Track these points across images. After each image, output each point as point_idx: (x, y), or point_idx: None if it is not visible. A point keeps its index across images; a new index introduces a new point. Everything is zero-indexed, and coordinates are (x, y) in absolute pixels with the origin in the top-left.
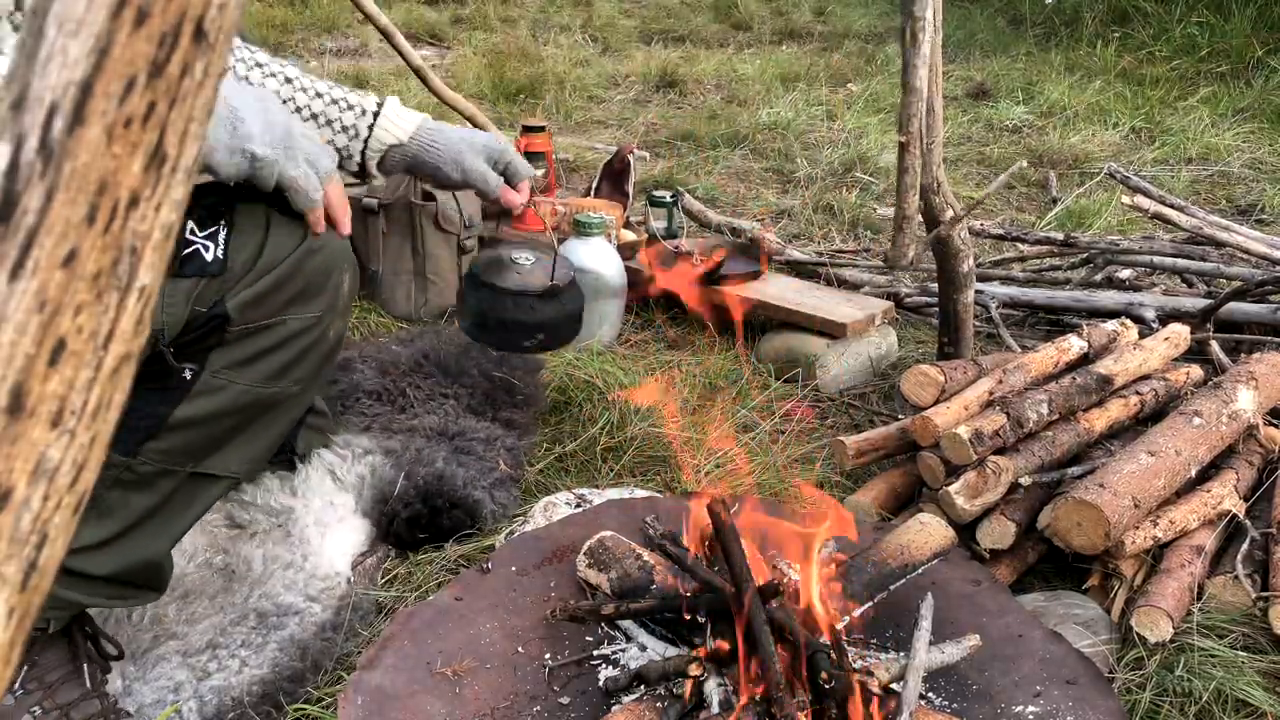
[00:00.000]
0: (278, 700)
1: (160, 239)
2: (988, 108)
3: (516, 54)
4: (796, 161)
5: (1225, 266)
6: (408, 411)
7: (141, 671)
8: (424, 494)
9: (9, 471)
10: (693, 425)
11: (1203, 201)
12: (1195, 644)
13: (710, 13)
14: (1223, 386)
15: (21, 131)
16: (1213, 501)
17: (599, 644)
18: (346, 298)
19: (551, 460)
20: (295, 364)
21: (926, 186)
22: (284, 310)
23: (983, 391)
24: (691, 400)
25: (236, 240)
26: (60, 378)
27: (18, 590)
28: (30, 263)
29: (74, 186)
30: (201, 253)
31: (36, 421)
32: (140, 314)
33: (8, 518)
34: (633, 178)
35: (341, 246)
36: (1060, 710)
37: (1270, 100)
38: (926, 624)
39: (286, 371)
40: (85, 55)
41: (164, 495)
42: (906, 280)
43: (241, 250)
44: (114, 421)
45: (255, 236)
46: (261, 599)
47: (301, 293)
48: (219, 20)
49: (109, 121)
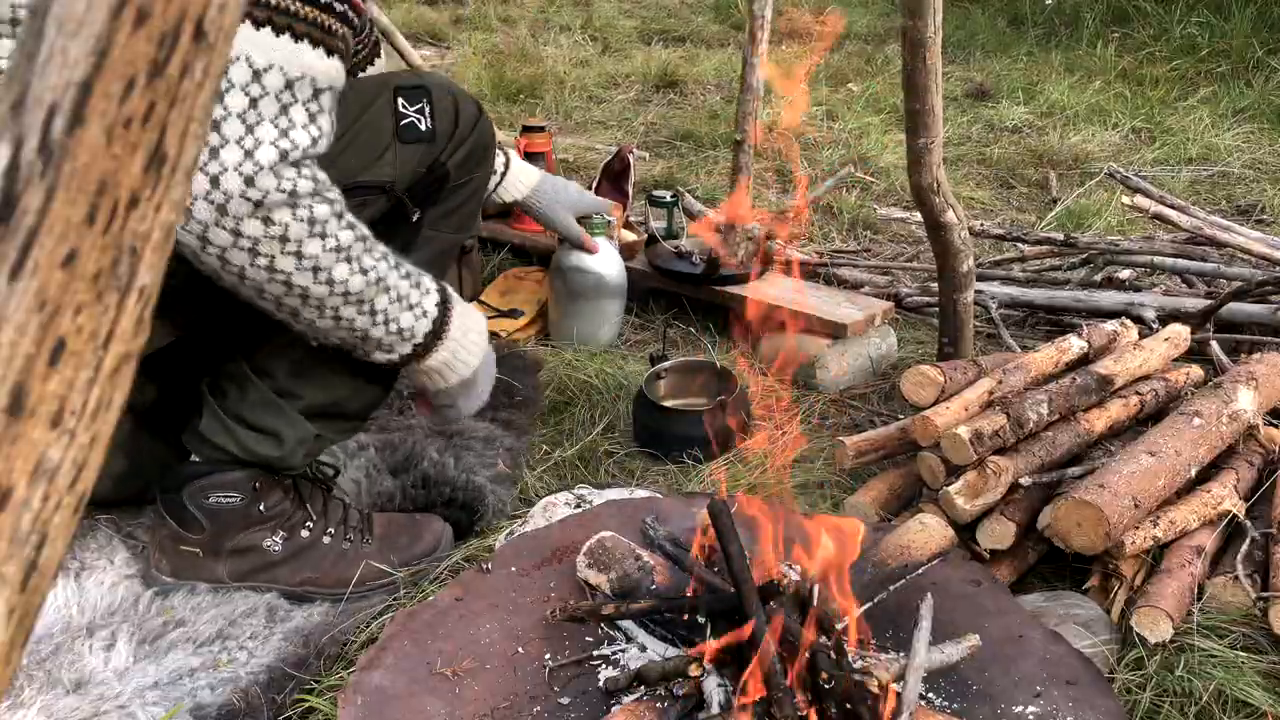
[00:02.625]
0: (283, 686)
1: (160, 239)
2: (988, 108)
3: (516, 54)
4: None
5: (1225, 267)
6: (405, 413)
7: (155, 658)
8: (425, 480)
9: (9, 471)
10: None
11: (1203, 201)
12: (1195, 644)
13: (710, 13)
14: (1223, 387)
15: (21, 132)
16: (1213, 502)
17: (599, 644)
18: (494, 152)
19: (550, 464)
20: (474, 214)
21: (926, 187)
22: (476, 168)
23: (983, 392)
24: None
25: (437, 112)
26: (60, 378)
27: (18, 590)
28: (30, 263)
29: (74, 186)
30: (416, 124)
31: (36, 421)
32: (140, 314)
33: (8, 518)
34: (633, 178)
35: (488, 117)
36: (1060, 710)
37: (1270, 100)
38: (926, 624)
39: (469, 222)
40: (85, 55)
41: None
42: (906, 280)
43: (443, 120)
44: (114, 422)
45: (450, 108)
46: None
47: (485, 152)
48: (219, 20)
49: (109, 122)
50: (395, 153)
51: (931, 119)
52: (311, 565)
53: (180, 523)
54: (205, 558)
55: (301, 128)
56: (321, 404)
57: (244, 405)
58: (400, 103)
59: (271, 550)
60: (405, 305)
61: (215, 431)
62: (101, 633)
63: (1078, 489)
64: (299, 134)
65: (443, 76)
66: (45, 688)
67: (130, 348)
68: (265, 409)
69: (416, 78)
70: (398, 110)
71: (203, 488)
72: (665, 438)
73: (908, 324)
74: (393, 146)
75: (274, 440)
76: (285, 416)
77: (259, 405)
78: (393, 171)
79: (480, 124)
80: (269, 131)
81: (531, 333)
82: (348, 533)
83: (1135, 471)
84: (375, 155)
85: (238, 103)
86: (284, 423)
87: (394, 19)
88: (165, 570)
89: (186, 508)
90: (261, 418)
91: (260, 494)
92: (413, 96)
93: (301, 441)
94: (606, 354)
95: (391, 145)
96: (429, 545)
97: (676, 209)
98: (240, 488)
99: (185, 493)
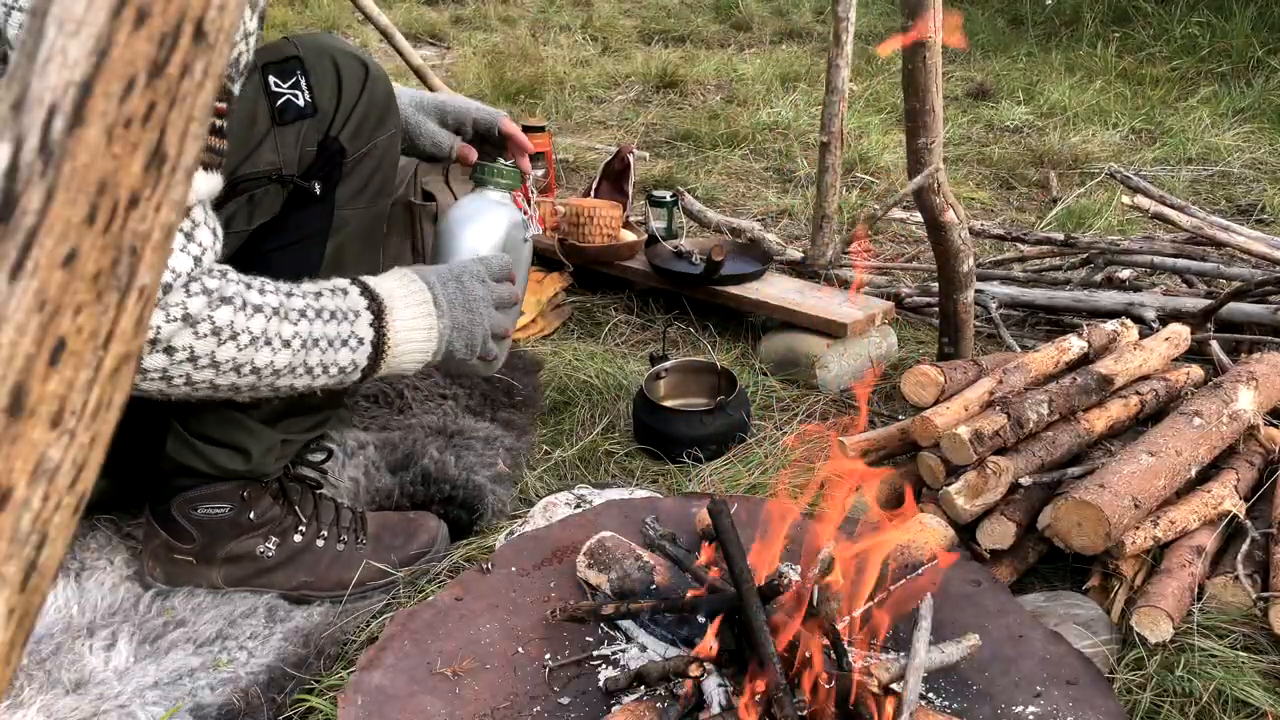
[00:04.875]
0: (283, 686)
1: (160, 239)
2: (988, 108)
3: (516, 54)
4: (797, 161)
5: (1225, 267)
6: (405, 413)
7: (155, 658)
8: (424, 476)
9: (9, 471)
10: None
11: (1203, 201)
12: (1195, 644)
13: (710, 13)
14: (1223, 386)
15: (21, 131)
16: (1213, 501)
17: (599, 644)
18: (396, 109)
19: (550, 464)
20: (388, 179)
21: (927, 187)
22: (374, 134)
23: (983, 392)
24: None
25: (315, 83)
26: (60, 378)
27: (18, 590)
28: (30, 263)
29: (74, 186)
30: (293, 101)
31: (36, 421)
32: (140, 314)
33: (8, 518)
34: (633, 178)
35: (380, 69)
36: (1060, 710)
37: (1270, 100)
38: (926, 624)
39: (384, 188)
40: (85, 55)
41: None
42: (906, 280)
43: (323, 91)
44: (114, 421)
45: (329, 77)
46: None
47: (381, 115)
48: (219, 20)
49: (109, 122)
50: (275, 137)
51: (931, 119)
52: (306, 569)
53: (171, 534)
54: (199, 565)
55: (180, 251)
56: (279, 408)
57: (205, 423)
58: (272, 80)
59: (265, 556)
60: (339, 344)
61: (182, 453)
62: (102, 633)
63: (1078, 489)
64: (177, 260)
65: (321, 38)
66: (45, 688)
67: (130, 348)
68: (226, 425)
69: (288, 47)
70: (270, 90)
71: (190, 500)
72: (665, 438)
73: (908, 324)
74: (271, 131)
75: (241, 455)
76: (246, 429)
77: (220, 422)
78: (276, 158)
79: (370, 84)
80: None
81: (532, 332)
82: (341, 534)
83: (1135, 471)
84: (253, 144)
85: None
86: (246, 435)
87: (394, 19)
88: (160, 578)
89: (176, 520)
90: (224, 433)
91: (249, 502)
92: (285, 71)
93: (269, 450)
94: (606, 354)
95: (270, 130)
96: (424, 544)
97: (676, 209)
98: (228, 498)
99: (173, 505)
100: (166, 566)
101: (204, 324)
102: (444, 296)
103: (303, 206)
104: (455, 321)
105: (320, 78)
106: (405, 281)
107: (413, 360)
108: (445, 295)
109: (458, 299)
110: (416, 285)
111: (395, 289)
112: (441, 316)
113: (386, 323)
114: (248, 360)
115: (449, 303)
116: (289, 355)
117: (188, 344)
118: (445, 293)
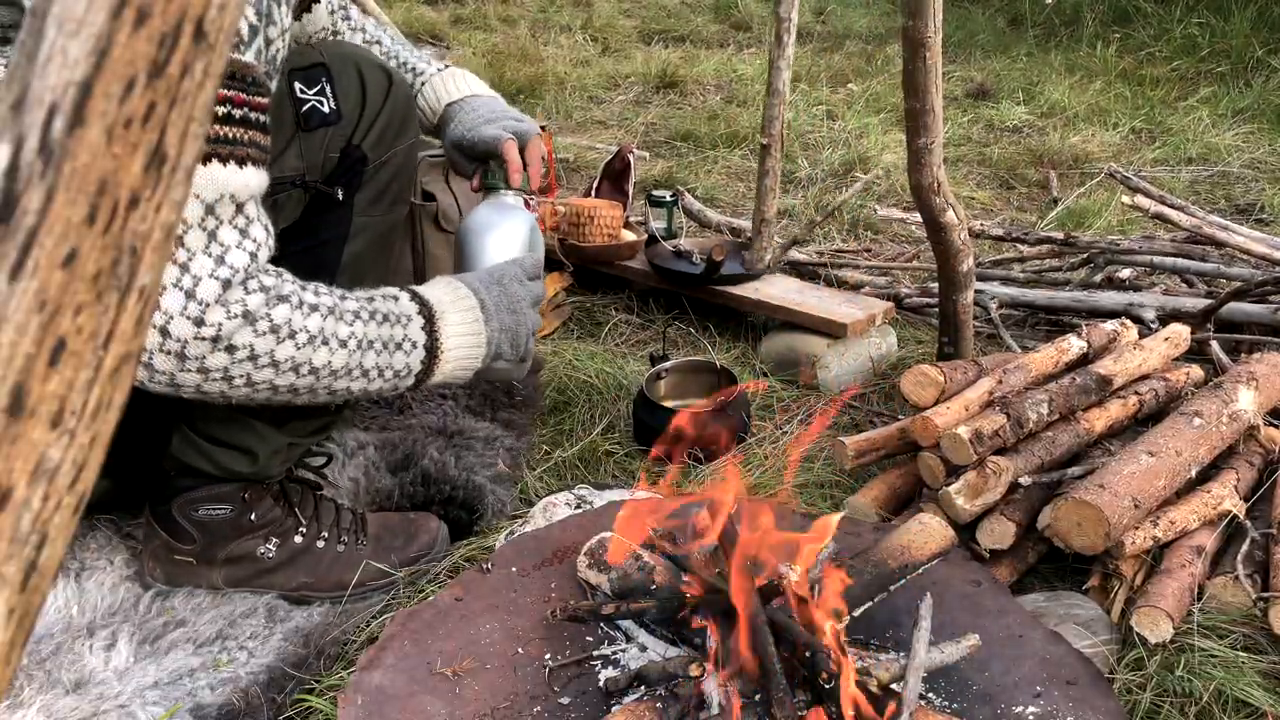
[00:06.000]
0: (283, 686)
1: (160, 239)
2: (988, 108)
3: (516, 54)
4: (797, 161)
5: (1225, 266)
6: (405, 413)
7: (155, 658)
8: (424, 477)
9: (9, 471)
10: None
11: (1202, 201)
12: (1195, 644)
13: (710, 13)
14: (1223, 387)
15: (21, 132)
16: (1213, 502)
17: (599, 644)
18: (416, 118)
19: (551, 464)
20: (405, 187)
21: (926, 187)
22: (395, 143)
23: (983, 392)
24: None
25: (340, 91)
26: (60, 378)
27: (18, 590)
28: (30, 263)
29: (74, 186)
30: (318, 108)
31: (36, 421)
32: (140, 314)
33: (8, 518)
34: (633, 178)
35: (402, 78)
36: (1060, 710)
37: (1270, 100)
38: (926, 624)
39: (401, 195)
40: (85, 55)
41: None
42: (906, 280)
43: (347, 98)
44: (114, 422)
45: (354, 85)
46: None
47: (403, 124)
48: (219, 20)
49: (109, 122)
50: (300, 142)
51: (931, 119)
52: (307, 570)
53: (171, 535)
54: (199, 566)
55: (236, 248)
56: (288, 410)
57: (212, 424)
58: (298, 87)
59: (265, 557)
60: (393, 347)
61: (187, 453)
62: (102, 633)
63: (1078, 489)
64: (235, 255)
65: (345, 46)
66: (45, 688)
67: (130, 348)
68: (233, 425)
69: (314, 54)
70: (296, 95)
71: (191, 501)
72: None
73: (908, 324)
74: (296, 136)
75: (248, 457)
76: (254, 431)
77: (227, 422)
78: (300, 163)
79: (393, 94)
80: (204, 264)
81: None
82: (341, 535)
83: (1135, 471)
84: (279, 149)
85: None
86: (253, 437)
87: (394, 19)
88: (159, 579)
89: (176, 521)
90: (231, 435)
91: (250, 504)
92: (310, 78)
93: (275, 452)
94: (606, 354)
95: (294, 135)
96: (425, 545)
97: (676, 209)
98: (229, 499)
99: (174, 506)
100: (167, 567)
101: (262, 321)
102: (490, 301)
103: (322, 212)
104: (502, 324)
105: (345, 85)
106: (452, 289)
107: (464, 366)
108: (491, 299)
109: (502, 302)
110: (463, 291)
111: (443, 296)
112: (489, 320)
113: (438, 328)
114: (306, 360)
115: (495, 306)
116: (345, 356)
117: (248, 342)
118: (490, 297)
